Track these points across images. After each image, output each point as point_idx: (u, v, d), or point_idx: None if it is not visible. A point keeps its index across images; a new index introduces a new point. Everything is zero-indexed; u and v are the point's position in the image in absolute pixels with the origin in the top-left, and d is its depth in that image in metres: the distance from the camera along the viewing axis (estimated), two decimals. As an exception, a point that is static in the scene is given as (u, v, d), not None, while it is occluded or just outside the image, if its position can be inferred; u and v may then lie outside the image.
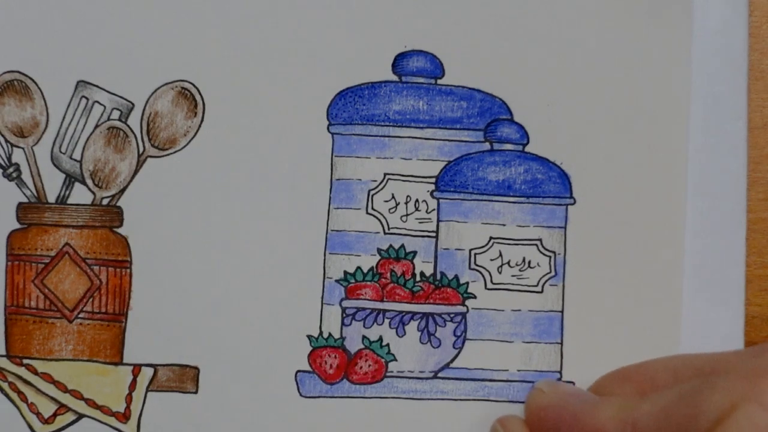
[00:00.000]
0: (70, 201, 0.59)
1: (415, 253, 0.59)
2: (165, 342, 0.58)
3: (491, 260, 0.59)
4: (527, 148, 0.60)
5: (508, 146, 0.60)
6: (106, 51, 0.59)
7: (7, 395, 0.58)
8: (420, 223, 0.60)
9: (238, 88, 0.59)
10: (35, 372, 0.58)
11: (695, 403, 0.44)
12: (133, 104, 0.59)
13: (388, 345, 0.59)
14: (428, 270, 0.59)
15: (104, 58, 0.59)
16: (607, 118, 0.60)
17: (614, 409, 0.49)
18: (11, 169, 0.59)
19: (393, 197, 0.59)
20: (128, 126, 0.59)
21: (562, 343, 0.59)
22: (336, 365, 0.59)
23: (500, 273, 0.59)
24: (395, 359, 0.59)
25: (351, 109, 0.59)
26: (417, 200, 0.59)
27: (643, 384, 0.50)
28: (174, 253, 0.58)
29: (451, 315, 0.59)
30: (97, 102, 0.59)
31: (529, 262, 0.59)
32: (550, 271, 0.59)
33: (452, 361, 0.59)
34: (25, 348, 0.58)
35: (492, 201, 0.59)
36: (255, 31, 0.59)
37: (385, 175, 0.59)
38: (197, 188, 0.59)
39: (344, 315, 0.59)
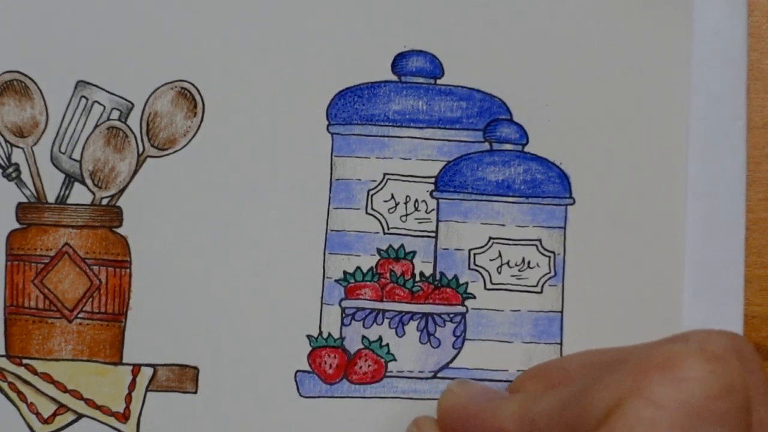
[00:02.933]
0: (69, 201, 0.59)
1: (414, 253, 0.59)
2: (164, 342, 0.58)
3: (491, 260, 0.59)
4: (527, 148, 0.60)
5: (508, 146, 0.60)
6: (106, 51, 0.59)
7: (6, 395, 0.58)
8: (419, 223, 0.60)
9: (237, 88, 0.59)
10: (35, 372, 0.58)
11: (585, 398, 0.44)
12: (132, 104, 0.59)
13: (387, 345, 0.59)
14: (428, 270, 0.59)
15: (104, 58, 0.59)
16: (607, 118, 0.60)
17: (515, 406, 0.49)
18: (11, 169, 0.59)
19: (392, 197, 0.59)
20: (128, 126, 0.59)
21: (561, 344, 0.59)
22: (335, 365, 0.59)
23: (500, 273, 0.59)
24: (395, 359, 0.59)
25: (350, 109, 0.59)
26: (416, 200, 0.59)
27: (556, 380, 0.50)
28: (174, 253, 0.58)
29: (451, 315, 0.59)
30: (97, 102, 0.59)
31: (529, 263, 0.59)
32: (550, 272, 0.59)
33: (452, 361, 0.59)
34: (24, 348, 0.58)
35: (491, 201, 0.59)
36: (255, 31, 0.59)
37: (384, 175, 0.59)
38: (197, 188, 0.59)
39: (344, 315, 0.59)
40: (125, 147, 0.59)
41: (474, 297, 0.59)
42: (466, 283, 0.59)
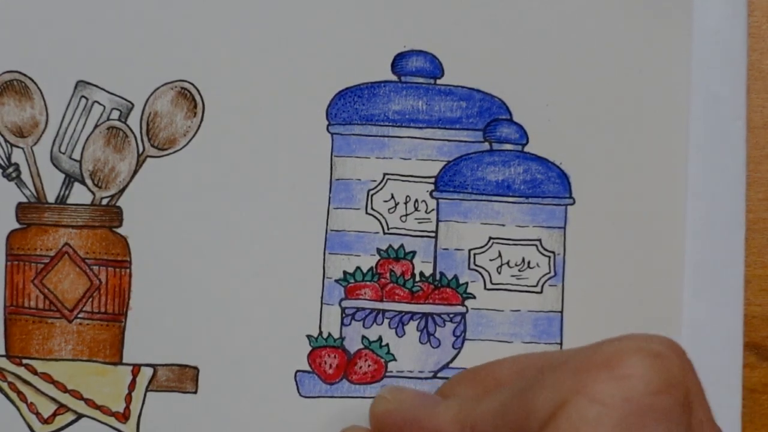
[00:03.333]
0: (69, 201, 0.59)
1: (414, 253, 0.59)
2: (164, 342, 0.58)
3: (491, 260, 0.59)
4: (527, 148, 0.60)
5: (508, 146, 0.60)
6: (106, 51, 0.59)
7: (6, 395, 0.58)
8: (419, 223, 0.60)
9: (237, 88, 0.59)
10: (35, 372, 0.58)
11: (527, 400, 0.44)
12: (132, 104, 0.59)
13: (387, 345, 0.59)
14: (428, 270, 0.59)
15: (104, 58, 0.59)
16: (607, 118, 0.60)
17: (454, 411, 0.49)
18: (11, 169, 0.59)
19: (392, 197, 0.59)
20: (128, 126, 0.59)
21: (561, 344, 0.59)
22: (335, 365, 0.59)
23: (500, 273, 0.59)
24: (395, 359, 0.59)
25: (350, 109, 0.59)
26: (416, 200, 0.59)
27: (489, 384, 0.50)
28: (173, 253, 0.58)
29: (451, 315, 0.59)
30: (97, 102, 0.59)
31: (529, 263, 0.59)
32: (550, 272, 0.59)
33: (452, 361, 0.59)
34: (24, 348, 0.58)
35: (491, 201, 0.59)
36: (254, 31, 0.59)
37: (384, 175, 0.59)
38: (197, 188, 0.59)
39: (344, 315, 0.59)
40: (125, 147, 0.59)
41: (474, 297, 0.59)
42: (466, 283, 0.59)
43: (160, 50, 0.59)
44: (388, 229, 0.59)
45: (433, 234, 0.60)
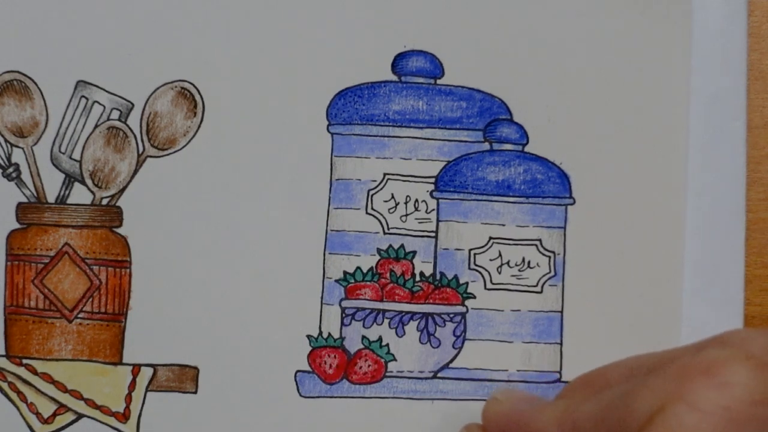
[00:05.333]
0: (69, 201, 0.59)
1: (414, 253, 0.59)
2: (164, 342, 0.58)
3: (491, 260, 0.59)
4: (527, 148, 0.60)
5: (508, 146, 0.60)
6: (106, 51, 0.59)
7: (6, 395, 0.58)
8: (419, 223, 0.60)
9: (237, 88, 0.59)
10: (35, 372, 0.58)
11: (628, 402, 0.44)
12: (132, 104, 0.59)
13: (387, 345, 0.59)
14: (428, 270, 0.59)
15: (104, 58, 0.59)
16: (607, 118, 0.60)
17: (558, 411, 0.49)
18: (11, 169, 0.59)
19: (392, 197, 0.59)
20: (128, 126, 0.59)
21: (561, 344, 0.59)
22: (335, 365, 0.59)
23: (500, 273, 0.59)
24: (395, 359, 0.59)
25: (350, 109, 0.59)
26: (416, 200, 0.59)
27: (599, 386, 0.50)
28: (173, 253, 0.58)
29: (451, 315, 0.59)
30: (97, 102, 0.59)
31: (529, 263, 0.59)
32: (550, 272, 0.59)
33: (452, 361, 0.59)
34: (24, 348, 0.58)
35: (491, 201, 0.59)
36: (255, 31, 0.59)
37: (384, 175, 0.59)
38: (197, 188, 0.59)
39: (344, 315, 0.59)
40: (125, 147, 0.59)
41: (474, 297, 0.59)
42: (466, 283, 0.59)
43: (160, 50, 0.59)
44: (388, 229, 0.59)
45: (433, 234, 0.60)
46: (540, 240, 0.59)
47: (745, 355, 0.43)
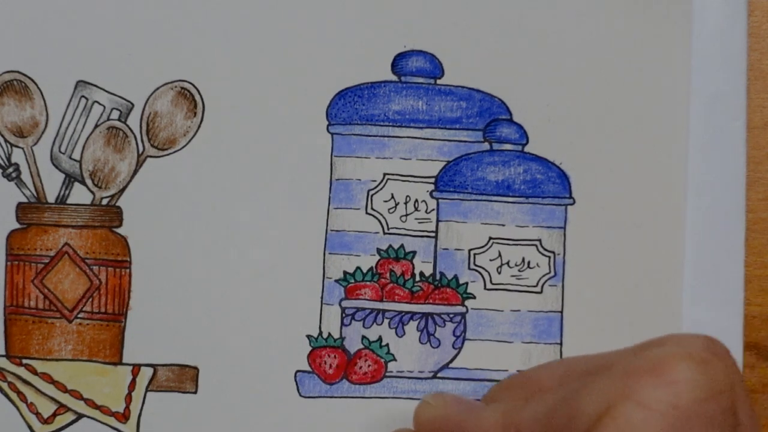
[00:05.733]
0: (69, 201, 0.59)
1: (414, 253, 0.59)
2: (164, 342, 0.58)
3: (490, 260, 0.59)
4: (526, 148, 0.60)
5: (508, 146, 0.60)
6: (106, 51, 0.59)
7: (6, 395, 0.58)
8: (419, 223, 0.60)
9: (237, 88, 0.59)
10: (35, 372, 0.58)
11: (574, 404, 0.44)
12: (132, 104, 0.59)
13: (387, 345, 0.59)
14: (428, 270, 0.59)
15: (104, 58, 0.59)
16: (607, 118, 0.60)
17: (498, 415, 0.49)
18: (11, 169, 0.59)
19: (392, 197, 0.59)
20: (128, 126, 0.59)
21: (561, 344, 0.59)
22: (335, 365, 0.59)
23: (499, 273, 0.59)
24: (395, 359, 0.59)
25: (350, 109, 0.59)
26: (416, 200, 0.59)
27: (533, 390, 0.50)
28: (173, 253, 0.58)
29: (451, 315, 0.59)
30: (97, 102, 0.59)
31: (529, 263, 0.59)
32: (550, 272, 0.59)
33: (452, 361, 0.59)
34: (24, 348, 0.58)
35: (491, 201, 0.59)
36: (254, 31, 0.59)
37: (384, 175, 0.59)
38: (197, 188, 0.59)
39: (344, 315, 0.59)
40: (125, 147, 0.59)
41: (474, 297, 0.59)
42: (466, 283, 0.59)
43: (160, 50, 0.59)
44: (388, 229, 0.59)
45: (433, 234, 0.60)
46: (540, 240, 0.59)
47: (690, 354, 0.43)
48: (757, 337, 0.60)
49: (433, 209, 0.60)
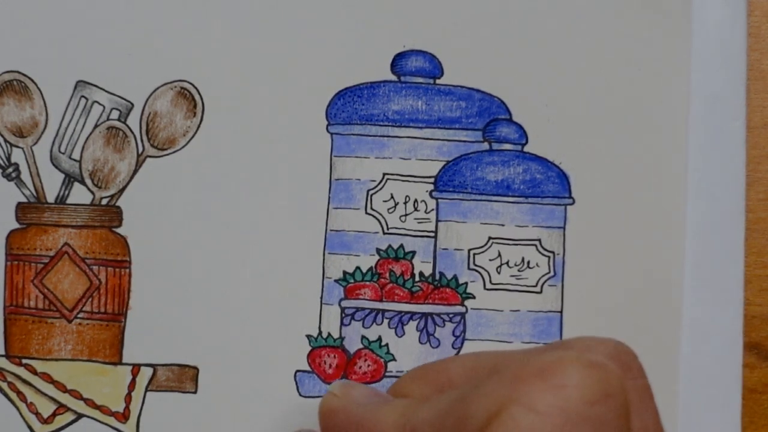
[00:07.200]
0: (69, 201, 0.59)
1: (414, 253, 0.59)
2: (164, 342, 0.58)
3: (490, 260, 0.59)
4: (526, 148, 0.60)
5: (507, 146, 0.60)
6: (106, 51, 0.59)
7: (6, 395, 0.58)
8: (419, 223, 0.60)
9: (237, 88, 0.59)
10: (34, 372, 0.58)
11: (464, 407, 0.44)
12: (132, 104, 0.59)
13: (387, 345, 0.59)
14: (427, 270, 0.59)
15: (104, 58, 0.59)
16: (607, 118, 0.60)
17: (396, 415, 0.48)
18: (10, 169, 0.59)
19: (392, 197, 0.59)
20: (127, 126, 0.59)
21: (561, 344, 0.59)
22: (335, 365, 0.59)
23: (499, 273, 0.59)
24: (394, 359, 0.59)
25: (350, 108, 0.59)
26: (416, 200, 0.59)
27: (441, 383, 0.50)
28: (173, 253, 0.59)
29: (450, 315, 0.59)
30: (97, 102, 0.59)
31: (528, 263, 0.59)
32: (549, 272, 0.59)
33: (451, 361, 0.59)
34: (24, 348, 0.58)
35: (491, 201, 0.59)
36: (254, 31, 0.59)
37: (384, 175, 0.59)
38: (196, 188, 0.59)
39: (343, 315, 0.59)
40: (125, 147, 0.59)
41: (473, 297, 0.59)
42: (466, 283, 0.59)
43: (160, 50, 0.59)
44: (388, 229, 0.59)
45: (432, 234, 0.60)
46: (539, 240, 0.59)
47: (579, 357, 0.43)
48: (757, 337, 0.60)
49: (433, 209, 0.60)
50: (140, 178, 0.59)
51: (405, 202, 0.59)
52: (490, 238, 0.59)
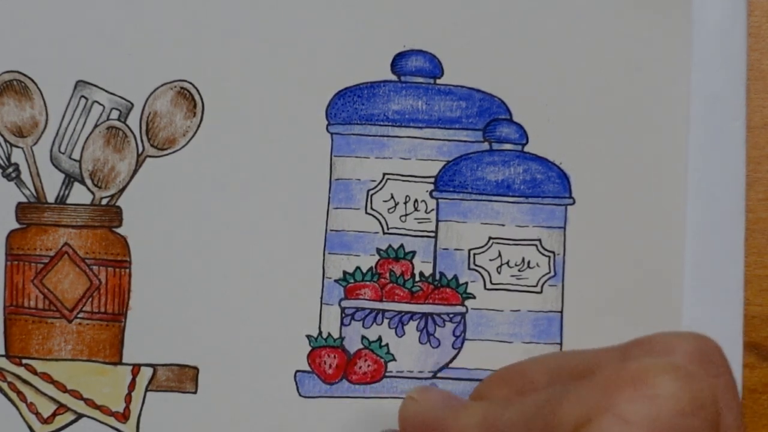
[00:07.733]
0: (69, 201, 0.59)
1: (414, 253, 0.59)
2: (164, 342, 0.58)
3: (490, 260, 0.59)
4: (526, 148, 0.60)
5: (507, 146, 0.60)
6: (106, 51, 0.59)
7: (6, 395, 0.58)
8: (419, 223, 0.60)
9: (237, 88, 0.59)
10: (34, 372, 0.58)
11: (553, 412, 0.44)
12: (132, 104, 0.59)
13: (387, 345, 0.59)
14: (427, 270, 0.59)
15: (103, 57, 0.59)
16: (607, 118, 0.60)
17: (478, 417, 0.48)
18: (10, 169, 0.59)
19: (392, 197, 0.59)
20: (127, 126, 0.59)
21: (561, 344, 0.59)
22: (335, 365, 0.59)
23: (499, 273, 0.59)
24: (394, 359, 0.59)
25: (350, 108, 0.59)
26: (416, 200, 0.59)
27: (522, 385, 0.50)
28: (173, 253, 0.58)
29: (451, 315, 0.59)
30: (97, 102, 0.59)
31: (529, 263, 0.59)
32: (550, 272, 0.59)
33: (451, 361, 0.59)
34: (24, 348, 0.58)
35: (491, 201, 0.59)
36: (254, 31, 0.59)
37: (384, 174, 0.59)
38: (196, 188, 0.59)
39: (343, 315, 0.59)
40: (125, 147, 0.59)
41: (474, 297, 0.59)
42: (466, 283, 0.59)
43: (160, 50, 0.59)
44: (388, 229, 0.59)
45: (432, 234, 0.60)
46: (540, 240, 0.59)
47: (673, 367, 0.43)
48: (757, 337, 0.60)
49: (433, 209, 0.60)
50: (140, 178, 0.59)
51: (405, 202, 0.59)
52: (490, 238, 0.59)
